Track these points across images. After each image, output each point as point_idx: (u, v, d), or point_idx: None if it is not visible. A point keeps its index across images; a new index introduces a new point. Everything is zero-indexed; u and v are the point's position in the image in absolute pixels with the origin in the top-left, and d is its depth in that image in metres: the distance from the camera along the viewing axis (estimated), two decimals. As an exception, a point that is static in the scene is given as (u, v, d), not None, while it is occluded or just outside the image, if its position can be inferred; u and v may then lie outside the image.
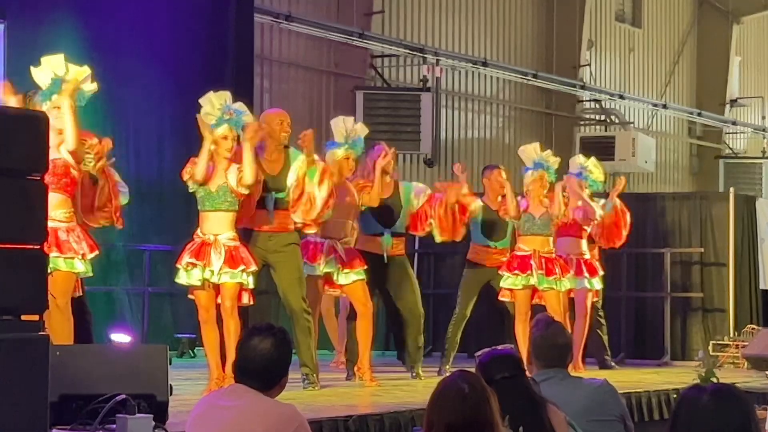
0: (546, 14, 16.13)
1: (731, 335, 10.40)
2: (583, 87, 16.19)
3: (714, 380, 6.29)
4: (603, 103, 16.78)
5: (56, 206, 5.92)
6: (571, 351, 4.40)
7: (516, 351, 3.93)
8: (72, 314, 6.16)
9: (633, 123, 17.14)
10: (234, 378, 3.70)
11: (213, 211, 6.71)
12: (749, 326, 10.47)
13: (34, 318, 4.47)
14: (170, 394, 5.11)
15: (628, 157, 15.59)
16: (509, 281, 8.47)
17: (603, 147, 15.06)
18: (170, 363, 5.19)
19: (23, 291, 4.34)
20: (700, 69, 18.92)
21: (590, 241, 9.27)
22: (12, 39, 8.87)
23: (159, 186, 10.01)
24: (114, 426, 4.81)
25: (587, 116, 16.91)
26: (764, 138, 19.49)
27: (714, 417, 2.79)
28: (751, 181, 17.71)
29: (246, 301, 6.76)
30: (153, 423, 4.87)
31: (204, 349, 6.95)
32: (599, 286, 9.16)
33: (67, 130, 6.01)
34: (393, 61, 13.94)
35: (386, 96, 13.24)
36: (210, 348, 6.77)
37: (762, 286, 11.17)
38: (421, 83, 13.57)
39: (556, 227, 8.78)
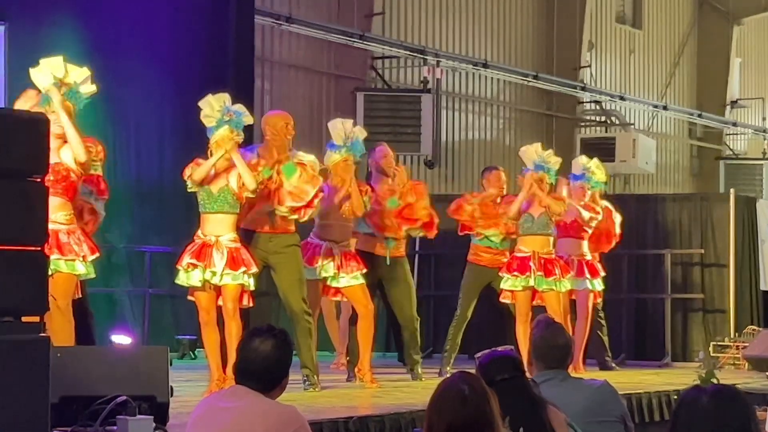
0: (546, 15, 16.12)
1: (732, 336, 10.39)
2: (584, 88, 16.18)
3: (714, 381, 6.28)
4: (603, 105, 16.76)
5: (57, 209, 5.92)
6: (572, 352, 4.38)
7: (516, 352, 3.92)
8: (73, 316, 6.17)
9: (633, 124, 17.13)
10: (235, 379, 3.69)
11: (214, 213, 6.71)
12: (750, 327, 10.46)
13: (35, 320, 4.47)
14: (171, 396, 5.11)
15: (629, 159, 15.58)
16: (509, 283, 8.46)
17: (603, 148, 15.05)
18: (171, 364, 5.19)
19: (24, 292, 4.34)
20: (701, 70, 18.91)
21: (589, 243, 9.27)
22: (13, 40, 8.87)
23: (159, 187, 10.01)
24: (115, 427, 4.81)
25: (588, 118, 16.89)
26: (765, 139, 19.48)
27: (714, 418, 2.78)
28: (752, 183, 17.70)
29: (246, 303, 6.76)
30: (153, 424, 4.87)
31: (204, 351, 6.95)
32: (600, 288, 9.15)
33: (74, 143, 5.99)
34: (393, 63, 13.94)
35: (387, 97, 13.23)
36: (210, 349, 6.77)
37: (762, 287, 11.16)
38: (422, 85, 13.56)
39: (557, 228, 8.77)
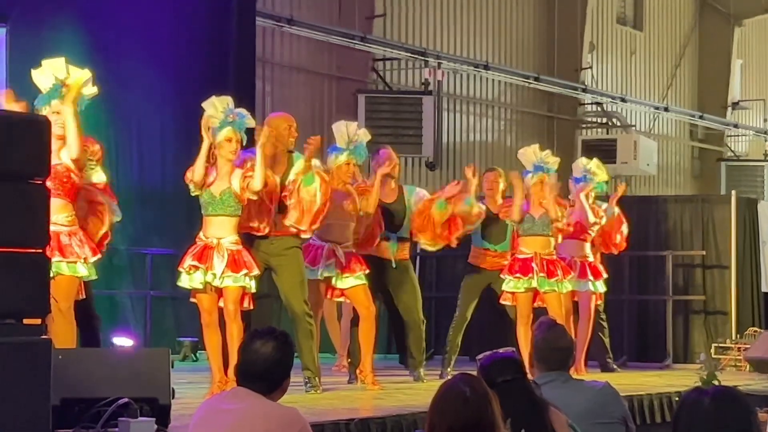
0: (547, 17, 16.12)
1: (733, 338, 10.38)
2: (585, 90, 16.17)
3: (716, 383, 6.28)
4: (605, 106, 16.76)
5: (58, 210, 5.92)
6: (573, 354, 4.38)
7: (517, 354, 3.91)
8: (76, 318, 6.17)
9: (635, 126, 17.12)
10: (236, 381, 3.69)
11: (216, 216, 6.70)
12: (751, 329, 10.45)
13: (36, 322, 4.47)
14: (172, 398, 5.11)
15: (630, 160, 15.58)
16: (511, 284, 8.45)
17: (605, 150, 15.04)
18: (172, 366, 5.22)
19: (25, 295, 4.34)
20: (702, 72, 18.90)
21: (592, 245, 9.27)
22: (14, 43, 8.87)
23: (161, 190, 10.01)
24: (116, 429, 4.81)
25: (589, 119, 16.89)
26: (766, 141, 19.47)
27: (715, 420, 2.79)
28: (753, 184, 17.69)
29: (247, 305, 6.76)
30: (155, 426, 4.87)
31: (206, 353, 6.94)
32: (603, 289, 9.14)
33: (71, 138, 6.01)
34: (395, 65, 13.93)
35: (388, 99, 13.23)
36: (212, 351, 6.77)
37: (764, 289, 11.15)
38: (423, 86, 13.56)
39: (560, 231, 8.77)
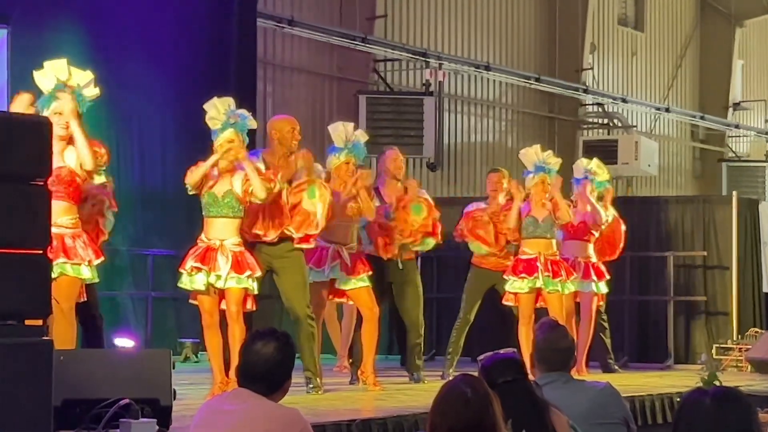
0: (548, 18, 16.12)
1: (734, 338, 10.36)
2: (586, 91, 16.16)
3: (717, 383, 6.27)
4: (606, 107, 16.76)
5: (62, 213, 5.92)
6: (574, 354, 4.37)
7: (518, 355, 3.90)
8: (78, 319, 6.17)
9: (636, 126, 17.12)
10: (237, 382, 3.68)
11: (218, 217, 6.70)
12: (752, 329, 10.44)
13: (38, 322, 4.47)
14: (174, 399, 5.09)
15: (631, 161, 15.57)
16: (515, 285, 8.43)
17: (606, 150, 15.02)
18: (173, 367, 5.18)
19: (26, 296, 4.34)
20: (703, 72, 18.90)
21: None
22: (15, 44, 8.87)
23: (162, 191, 10.00)
24: (117, 430, 4.81)
25: (590, 120, 16.89)
26: (767, 141, 19.47)
27: (716, 420, 2.79)
28: (754, 185, 17.68)
29: (249, 307, 6.76)
30: (156, 427, 4.87)
31: (207, 354, 6.94)
32: (605, 290, 9.15)
33: (83, 153, 5.95)
34: (396, 66, 13.93)
35: (389, 100, 13.22)
36: (213, 352, 6.77)
37: (765, 290, 11.13)
38: (424, 87, 13.55)
39: (564, 229, 8.77)
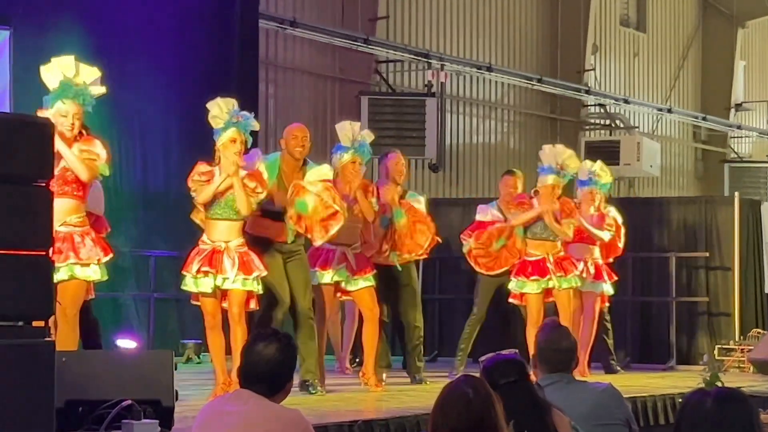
0: (550, 19, 16.11)
1: (736, 339, 10.33)
2: (588, 91, 16.15)
3: (719, 384, 6.26)
4: (608, 108, 16.74)
5: (70, 211, 5.89)
6: (576, 355, 4.36)
7: (520, 356, 3.90)
8: (81, 320, 6.15)
9: (638, 127, 17.09)
10: (239, 383, 3.67)
11: (220, 220, 6.66)
12: (754, 330, 10.41)
13: (40, 324, 4.47)
14: (176, 400, 5.11)
15: (633, 162, 15.55)
16: (527, 287, 8.36)
17: (608, 151, 15.00)
18: (176, 368, 5.18)
19: (28, 297, 4.35)
20: (705, 73, 18.88)
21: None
22: (17, 45, 8.86)
23: (165, 191, 9.98)
24: (120, 431, 4.82)
25: (592, 121, 16.87)
26: (770, 142, 19.47)
27: (718, 421, 2.83)
28: (756, 185, 17.67)
29: (253, 307, 6.74)
30: (159, 428, 4.88)
31: (210, 355, 6.94)
32: (611, 291, 9.15)
33: (76, 168, 5.90)
34: (398, 67, 13.92)
35: (391, 101, 13.21)
36: (216, 353, 6.76)
37: (767, 290, 11.13)
38: (426, 88, 13.54)
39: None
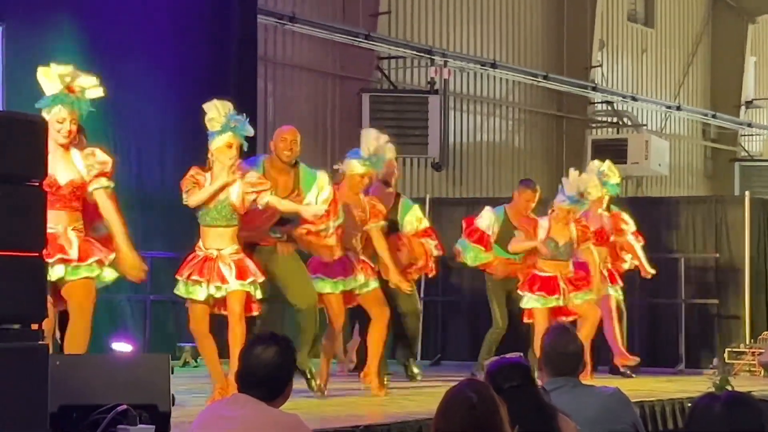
0: (556, 14, 16.05)
1: (747, 342, 10.29)
2: (595, 89, 16.12)
3: (729, 388, 6.21)
4: (615, 105, 16.70)
5: (74, 220, 5.89)
6: (583, 359, 4.36)
7: (525, 359, 3.86)
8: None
9: (646, 125, 17.06)
10: (237, 388, 3.65)
11: (214, 227, 6.55)
12: (765, 333, 10.34)
13: (33, 326, 4.42)
14: (172, 405, 5.08)
15: (641, 160, 15.50)
16: (531, 302, 8.33)
17: (615, 150, 14.99)
18: (172, 372, 5.16)
19: (22, 299, 4.33)
20: (715, 70, 18.82)
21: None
22: (10, 42, 8.80)
23: (162, 193, 9.90)
24: (115, 437, 4.76)
25: (599, 118, 16.83)
26: (780, 140, 19.40)
27: (728, 426, 2.78)
28: (767, 184, 17.58)
29: (255, 312, 6.64)
30: (154, 434, 4.81)
31: (205, 361, 6.84)
32: (619, 295, 9.20)
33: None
34: (400, 63, 13.89)
35: (393, 99, 13.20)
36: (210, 359, 6.67)
37: (778, 292, 11.05)
38: (429, 85, 13.52)
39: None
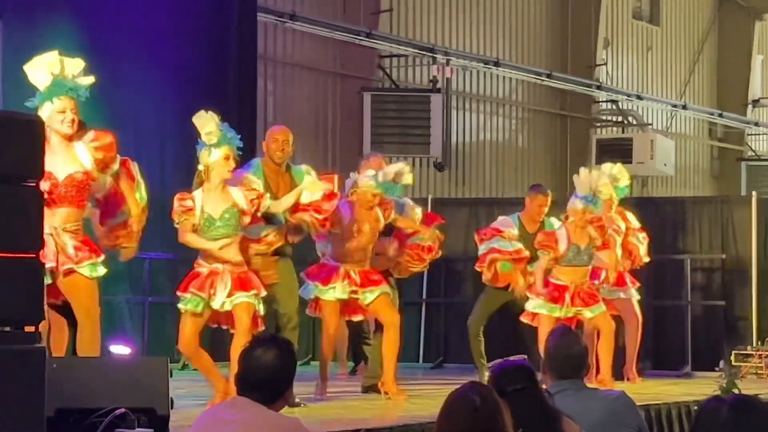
0: (561, 12, 16.02)
1: (754, 344, 10.26)
2: (600, 87, 16.10)
3: (735, 391, 6.17)
4: (620, 104, 16.67)
5: (71, 219, 5.85)
6: (587, 361, 4.34)
7: (529, 362, 3.82)
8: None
9: (651, 124, 17.03)
10: (236, 391, 3.62)
11: (218, 240, 6.50)
12: (773, 335, 10.31)
13: (30, 329, 4.41)
14: (171, 408, 5.06)
15: (647, 160, 15.47)
16: (537, 307, 8.27)
17: (620, 149, 14.97)
18: (171, 375, 5.14)
19: (18, 301, 4.34)
20: (721, 68, 18.78)
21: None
22: (7, 39, 8.80)
23: (160, 193, 9.79)
24: (113, 441, 4.73)
25: (604, 118, 16.80)
26: (787, 139, 19.35)
27: (734, 430, 2.75)
28: (775, 185, 17.53)
29: (261, 327, 6.57)
30: (153, 438, 4.78)
31: (202, 373, 6.78)
32: (637, 297, 9.21)
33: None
34: (402, 62, 13.87)
35: (395, 97, 13.19)
36: (207, 370, 6.63)
37: (787, 294, 11.00)
38: (431, 84, 13.50)
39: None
